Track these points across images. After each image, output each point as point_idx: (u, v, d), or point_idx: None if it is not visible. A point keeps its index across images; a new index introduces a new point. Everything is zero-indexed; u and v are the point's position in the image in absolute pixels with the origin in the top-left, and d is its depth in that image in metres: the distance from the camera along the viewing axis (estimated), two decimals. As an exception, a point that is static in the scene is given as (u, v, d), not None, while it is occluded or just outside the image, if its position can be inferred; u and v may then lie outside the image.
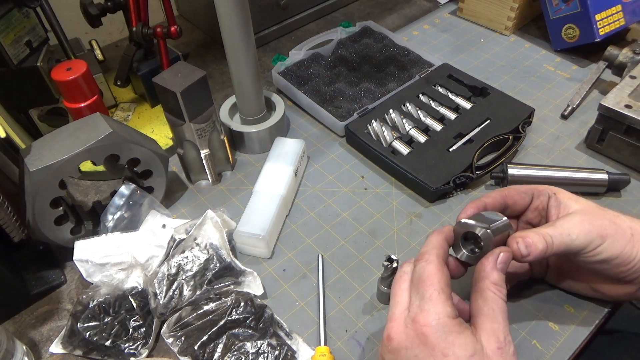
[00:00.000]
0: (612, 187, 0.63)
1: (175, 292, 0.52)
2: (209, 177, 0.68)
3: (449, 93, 0.76)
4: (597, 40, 0.79)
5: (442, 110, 0.73)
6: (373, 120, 0.71)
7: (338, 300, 0.55)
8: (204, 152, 0.64)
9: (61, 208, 0.56)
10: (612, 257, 0.44)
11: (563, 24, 0.83)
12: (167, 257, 0.55)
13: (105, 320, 0.51)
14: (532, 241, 0.43)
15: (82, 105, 0.63)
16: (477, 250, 0.44)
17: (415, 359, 0.39)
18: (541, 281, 0.54)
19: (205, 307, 0.51)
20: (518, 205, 0.50)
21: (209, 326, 0.50)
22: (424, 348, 0.38)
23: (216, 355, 0.48)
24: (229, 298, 0.51)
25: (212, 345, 0.49)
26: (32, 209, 0.53)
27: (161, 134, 0.75)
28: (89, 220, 0.62)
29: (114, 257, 0.55)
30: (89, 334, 0.50)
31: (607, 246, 0.44)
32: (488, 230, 0.43)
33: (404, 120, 0.71)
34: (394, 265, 0.50)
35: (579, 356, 0.51)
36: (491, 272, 0.42)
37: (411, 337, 0.39)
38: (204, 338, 0.49)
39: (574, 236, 0.44)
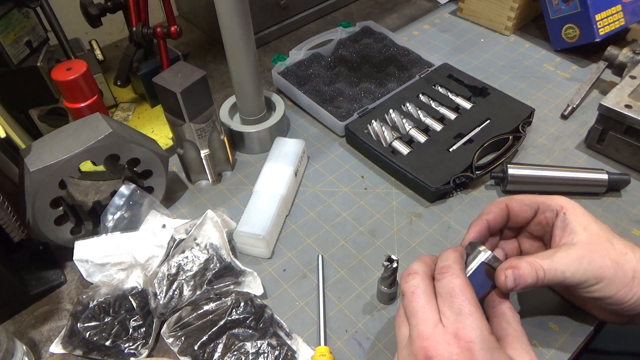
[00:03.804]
0: (612, 187, 0.63)
1: (175, 292, 0.52)
2: (209, 177, 0.68)
3: (449, 93, 0.76)
4: (597, 40, 0.79)
5: (442, 110, 0.73)
6: (373, 120, 0.71)
7: (338, 300, 0.55)
8: (204, 152, 0.64)
9: (61, 208, 0.56)
10: (606, 297, 0.43)
11: (563, 24, 0.83)
12: (167, 257, 0.55)
13: (105, 320, 0.51)
14: (522, 273, 0.42)
15: (82, 105, 0.63)
16: None
17: None
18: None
19: (205, 307, 0.51)
20: (519, 218, 0.49)
21: (209, 326, 0.50)
22: None
23: (216, 355, 0.48)
24: (229, 298, 0.51)
25: (212, 345, 0.49)
26: (32, 209, 0.53)
27: (161, 134, 0.75)
28: (89, 220, 0.62)
29: (114, 257, 0.55)
30: (89, 334, 0.50)
31: (601, 287, 0.43)
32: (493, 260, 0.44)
33: (404, 120, 0.71)
34: (394, 265, 0.50)
35: (579, 356, 0.51)
36: (504, 299, 0.43)
37: (455, 354, 0.37)
38: (204, 338, 0.49)
39: (568, 274, 0.43)
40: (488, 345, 0.37)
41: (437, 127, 0.70)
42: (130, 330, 0.51)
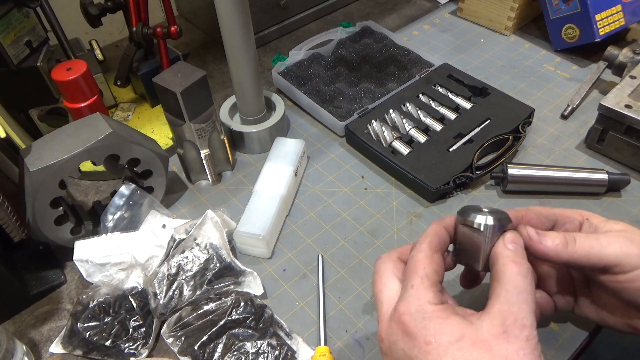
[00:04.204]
0: (612, 187, 0.63)
1: (175, 292, 0.52)
2: (209, 177, 0.68)
3: (449, 93, 0.76)
4: (597, 40, 0.79)
5: (442, 110, 0.73)
6: (373, 120, 0.71)
7: (338, 300, 0.55)
8: (204, 152, 0.64)
9: (61, 208, 0.56)
10: None
11: (563, 24, 0.83)
12: (167, 257, 0.55)
13: (105, 320, 0.51)
14: (546, 233, 0.38)
15: (82, 105, 0.63)
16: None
17: (402, 354, 0.35)
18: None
19: (205, 307, 0.51)
20: None
21: (209, 326, 0.50)
22: (407, 339, 0.35)
23: (216, 355, 0.48)
24: (229, 298, 0.51)
25: (212, 345, 0.49)
26: (32, 209, 0.53)
27: (161, 134, 0.75)
28: (89, 220, 0.62)
29: (114, 257, 0.55)
30: (89, 334, 0.50)
31: None
32: (490, 218, 0.39)
33: (404, 120, 0.71)
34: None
35: (579, 356, 0.51)
36: (503, 251, 0.37)
37: (394, 330, 0.36)
38: (204, 338, 0.49)
39: (605, 243, 0.37)
40: (422, 316, 0.35)
41: (437, 127, 0.70)
42: (130, 330, 0.51)
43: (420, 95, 0.76)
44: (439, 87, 0.77)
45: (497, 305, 0.34)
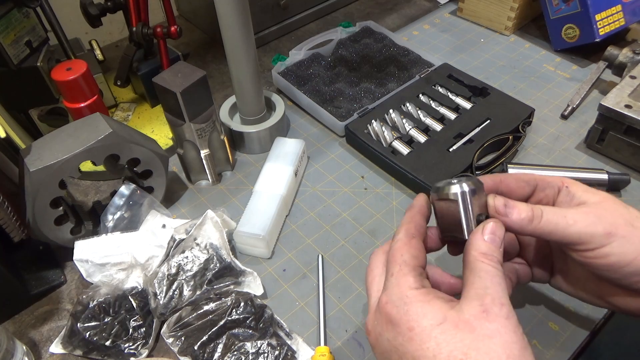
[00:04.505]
0: (612, 187, 0.63)
1: (175, 292, 0.52)
2: (209, 177, 0.68)
3: (449, 93, 0.76)
4: (597, 40, 0.79)
5: (442, 110, 0.73)
6: (373, 120, 0.71)
7: (338, 300, 0.55)
8: (204, 152, 0.64)
9: (61, 208, 0.56)
10: (623, 264, 0.37)
11: (563, 24, 0.83)
12: (167, 257, 0.55)
13: (105, 320, 0.51)
14: (515, 204, 0.38)
15: (82, 105, 0.63)
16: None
17: (388, 344, 0.35)
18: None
19: (205, 307, 0.51)
20: (514, 195, 0.42)
21: (209, 326, 0.50)
22: (390, 328, 0.35)
23: (216, 355, 0.48)
24: (229, 298, 0.51)
25: (212, 345, 0.49)
26: (32, 209, 0.53)
27: (161, 134, 0.75)
28: (89, 220, 0.62)
29: (114, 257, 0.55)
30: (89, 334, 0.50)
31: (615, 248, 0.37)
32: (464, 184, 0.38)
33: (404, 120, 0.71)
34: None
35: (579, 356, 0.51)
36: (476, 242, 0.37)
37: (380, 321, 0.36)
38: (204, 338, 0.49)
39: (571, 221, 0.37)
40: (405, 302, 0.35)
41: (437, 127, 0.70)
42: (130, 330, 0.51)
43: (420, 95, 0.76)
44: (439, 87, 0.77)
45: (473, 290, 0.34)
